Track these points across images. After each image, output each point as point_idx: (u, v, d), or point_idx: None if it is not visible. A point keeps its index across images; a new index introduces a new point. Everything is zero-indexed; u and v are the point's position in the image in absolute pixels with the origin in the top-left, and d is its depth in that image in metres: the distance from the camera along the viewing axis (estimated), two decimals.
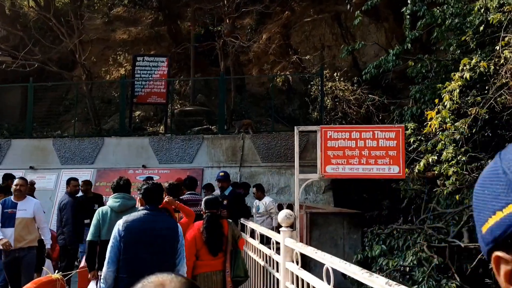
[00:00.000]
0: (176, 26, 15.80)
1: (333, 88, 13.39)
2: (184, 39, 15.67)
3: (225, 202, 5.93)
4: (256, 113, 13.64)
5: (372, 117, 12.88)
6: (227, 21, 13.69)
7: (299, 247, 3.16)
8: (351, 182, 11.81)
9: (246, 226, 5.36)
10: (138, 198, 3.75)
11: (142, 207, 3.61)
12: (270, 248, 4.10)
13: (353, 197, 11.17)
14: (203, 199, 4.61)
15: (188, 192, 5.93)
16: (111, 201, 4.70)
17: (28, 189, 6.33)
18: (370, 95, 12.76)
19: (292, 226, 3.69)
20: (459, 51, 7.29)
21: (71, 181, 7.72)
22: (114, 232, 3.42)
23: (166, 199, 4.64)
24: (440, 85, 5.70)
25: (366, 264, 5.77)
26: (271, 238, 4.09)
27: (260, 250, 4.56)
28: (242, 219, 5.84)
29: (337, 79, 13.44)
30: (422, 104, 7.87)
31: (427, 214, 6.45)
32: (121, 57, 15.85)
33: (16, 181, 5.90)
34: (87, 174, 11.47)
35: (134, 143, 11.46)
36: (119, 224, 3.42)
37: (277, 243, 3.82)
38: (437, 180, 5.78)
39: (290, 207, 7.27)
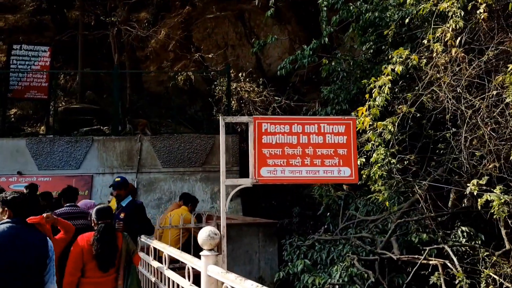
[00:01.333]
0: (62, 14, 13.93)
1: (238, 89, 12.72)
2: (72, 29, 13.87)
3: (122, 215, 4.82)
4: (155, 113, 12.42)
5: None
6: (122, 9, 12.29)
7: (232, 280, 2.25)
8: (259, 188, 11.22)
9: (150, 246, 4.30)
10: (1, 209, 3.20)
11: (5, 220, 3.12)
12: (184, 277, 3.16)
13: (261, 204, 10.55)
14: (95, 209, 4.12)
15: (67, 204, 5.11)
16: None
17: None
18: (276, 97, 12.30)
19: (216, 249, 2.79)
20: (373, 49, 6.97)
21: None
22: None
23: (44, 215, 3.90)
24: (365, 80, 5.23)
25: (288, 282, 5.05)
26: (185, 264, 3.14)
27: (169, 278, 3.57)
28: (143, 236, 4.76)
29: (242, 80, 12.77)
30: (336, 105, 7.44)
31: (347, 223, 5.95)
32: None
33: None
34: None
35: (7, 145, 9.62)
36: None
37: (195, 271, 2.91)
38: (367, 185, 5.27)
39: (199, 217, 6.33)
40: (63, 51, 14.03)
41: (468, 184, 4.42)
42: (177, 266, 4.04)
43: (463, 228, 5.12)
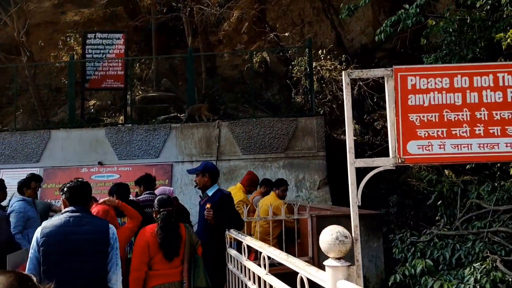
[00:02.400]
0: (134, 4, 13.77)
1: (318, 68, 11.82)
2: (145, 18, 13.70)
3: (207, 205, 4.23)
4: (230, 98, 11.88)
5: (365, 100, 11.40)
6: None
7: None
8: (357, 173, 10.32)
9: (242, 243, 3.63)
10: (61, 199, 3.26)
11: (65, 210, 3.13)
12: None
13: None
14: (156, 198, 4.05)
15: (146, 192, 5.24)
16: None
17: None
18: None
19: (342, 257, 2.02)
20: (489, 4, 5.77)
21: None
22: (33, 241, 3.03)
23: (105, 199, 4.27)
24: (502, 34, 4.16)
25: (403, 285, 4.18)
26: (296, 274, 2.42)
27: (270, 286, 2.86)
28: (232, 231, 4.12)
29: (321, 58, 11.84)
30: None
31: (469, 214, 4.91)
32: (72, 40, 13.69)
33: None
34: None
35: (87, 135, 9.53)
36: (37, 231, 3.02)
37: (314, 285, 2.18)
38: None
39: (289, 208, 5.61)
40: (137, 41, 13.94)
41: None
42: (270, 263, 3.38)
43: None
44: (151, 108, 10.49)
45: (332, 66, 11.80)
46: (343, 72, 2.60)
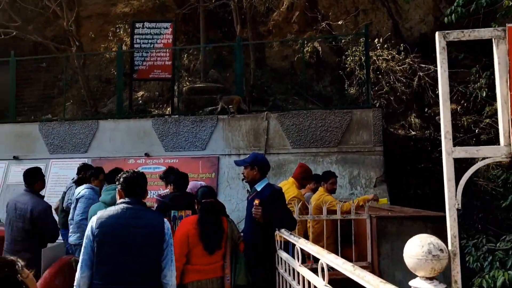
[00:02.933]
0: None
1: (374, 58, 11.12)
2: (193, 9, 13.48)
3: (256, 201, 3.84)
4: (280, 90, 11.43)
5: (425, 92, 10.63)
6: None
7: None
8: (410, 171, 9.65)
9: (296, 246, 3.20)
10: (117, 190, 3.12)
11: (121, 200, 3.03)
12: None
13: (409, 192, 8.99)
14: (199, 189, 3.97)
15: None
16: (103, 194, 4.54)
17: None
18: (423, 65, 10.49)
19: (434, 277, 1.54)
20: None
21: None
22: (87, 230, 2.94)
23: None
24: None
25: None
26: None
27: None
28: (283, 231, 3.69)
29: (378, 47, 11.14)
30: None
31: None
32: (121, 31, 13.71)
33: None
34: (79, 164, 9.45)
35: (134, 126, 9.40)
36: (93, 221, 2.95)
37: None
38: None
39: None
40: (185, 31, 13.77)
41: None
42: (315, 268, 2.93)
43: None
44: (198, 99, 10.23)
45: (389, 56, 11.08)
46: (436, 33, 2.07)
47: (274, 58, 12.92)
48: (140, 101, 11.61)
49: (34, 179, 4.61)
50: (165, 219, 3.05)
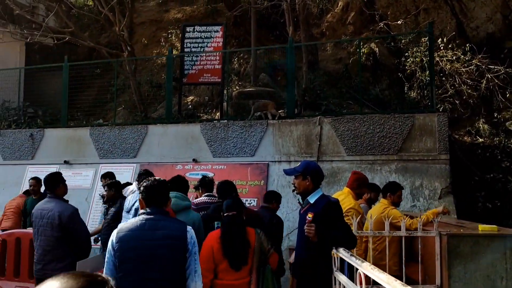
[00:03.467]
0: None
1: (437, 59, 10.35)
2: (244, 13, 13.24)
3: (309, 215, 3.41)
4: (333, 94, 10.88)
5: (493, 95, 9.73)
6: None
7: None
8: (478, 182, 8.80)
9: (358, 271, 2.70)
10: (138, 199, 3.06)
11: (141, 211, 2.90)
12: None
13: (478, 204, 8.16)
14: (224, 202, 3.80)
15: (205, 194, 4.97)
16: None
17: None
18: (492, 66, 9.60)
19: None
20: None
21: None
22: (109, 244, 2.83)
23: None
24: None
25: None
26: None
27: None
28: (341, 250, 3.21)
29: (441, 47, 10.34)
30: None
31: None
32: (173, 36, 13.70)
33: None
34: (128, 169, 9.42)
35: (183, 131, 9.20)
36: (113, 235, 2.83)
37: None
38: None
39: None
40: (236, 35, 13.54)
41: None
42: None
43: None
44: (248, 103, 9.89)
45: (454, 57, 10.25)
46: None
47: (327, 61, 12.39)
48: (190, 106, 11.45)
49: (55, 184, 4.42)
50: (189, 227, 2.91)
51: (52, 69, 11.05)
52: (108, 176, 6.99)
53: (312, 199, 3.52)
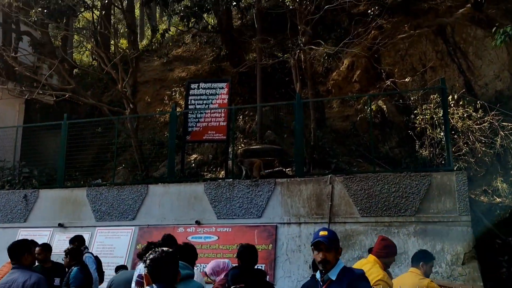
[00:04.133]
0: (240, 56, 13.42)
1: (449, 117, 10.04)
2: (250, 70, 13.20)
3: None
4: (342, 152, 10.52)
5: (508, 153, 9.35)
6: (301, 45, 10.94)
7: None
8: (503, 246, 8.18)
9: None
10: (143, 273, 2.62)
11: None
12: None
13: (501, 271, 7.52)
14: (229, 273, 3.57)
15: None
16: None
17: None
18: (504, 123, 9.30)
19: None
20: None
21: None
22: None
23: None
24: None
25: None
26: None
27: None
28: None
29: (451, 105, 10.09)
30: None
31: None
32: (177, 94, 13.60)
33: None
34: (126, 233, 8.85)
35: (185, 191, 8.73)
36: None
37: None
38: None
39: None
40: (241, 93, 13.42)
41: None
42: None
43: None
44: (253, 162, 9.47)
45: (465, 114, 9.97)
46: None
47: (334, 119, 12.15)
48: (193, 165, 11.06)
49: (20, 253, 4.00)
50: None
51: (51, 128, 10.75)
52: (77, 241, 6.58)
53: (333, 274, 2.94)
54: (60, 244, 8.84)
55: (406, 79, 11.26)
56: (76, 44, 21.05)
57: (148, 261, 2.54)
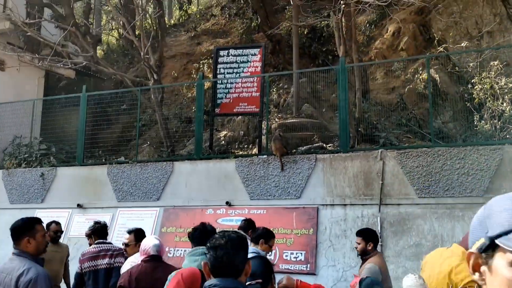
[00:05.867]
0: (273, 25, 12.33)
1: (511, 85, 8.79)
2: (284, 39, 12.11)
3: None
4: (388, 125, 9.39)
5: None
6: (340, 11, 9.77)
7: None
8: None
9: None
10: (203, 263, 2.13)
11: (208, 283, 2.03)
12: None
13: None
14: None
15: (96, 242, 4.74)
16: (187, 260, 3.22)
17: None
18: None
19: None
20: None
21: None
22: None
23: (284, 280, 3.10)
24: None
25: None
26: None
27: None
28: None
29: None
30: None
31: None
32: (205, 66, 12.66)
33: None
34: (150, 214, 8.06)
35: (215, 169, 7.83)
36: None
37: None
38: None
39: None
40: (274, 65, 12.37)
41: None
42: None
43: None
44: (291, 137, 8.49)
45: None
46: None
47: (378, 91, 10.97)
48: (223, 142, 10.14)
49: (18, 236, 3.02)
50: None
51: (72, 104, 10.01)
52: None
53: None
54: (79, 226, 8.15)
55: (463, 44, 9.95)
56: (104, 23, 20.45)
57: (211, 251, 2.06)
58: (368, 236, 4.34)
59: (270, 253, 4.62)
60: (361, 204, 6.85)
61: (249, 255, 3.51)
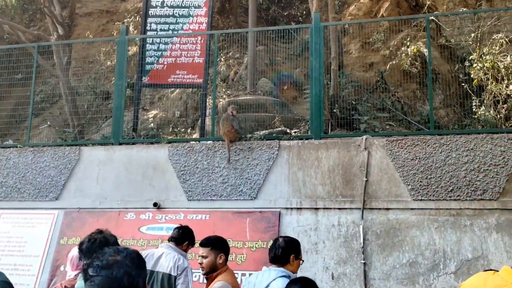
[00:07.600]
0: None
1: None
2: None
3: None
4: (366, 108, 8.77)
5: None
6: None
7: None
8: None
9: None
10: None
11: None
12: None
13: None
14: None
15: None
16: (78, 283, 3.18)
17: None
18: None
19: None
20: None
21: None
22: None
23: None
24: None
25: None
26: None
27: None
28: None
29: None
30: None
31: None
32: (132, 27, 11.49)
33: None
34: (45, 220, 6.91)
35: (140, 158, 6.81)
36: None
37: None
38: None
39: None
40: (222, 28, 11.42)
41: None
42: None
43: None
44: (245, 118, 7.55)
45: None
46: None
47: (353, 67, 10.31)
48: (152, 125, 9.06)
49: None
50: None
51: None
52: None
53: None
54: None
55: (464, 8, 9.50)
56: None
57: None
58: (218, 246, 3.97)
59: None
60: (338, 208, 6.09)
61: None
